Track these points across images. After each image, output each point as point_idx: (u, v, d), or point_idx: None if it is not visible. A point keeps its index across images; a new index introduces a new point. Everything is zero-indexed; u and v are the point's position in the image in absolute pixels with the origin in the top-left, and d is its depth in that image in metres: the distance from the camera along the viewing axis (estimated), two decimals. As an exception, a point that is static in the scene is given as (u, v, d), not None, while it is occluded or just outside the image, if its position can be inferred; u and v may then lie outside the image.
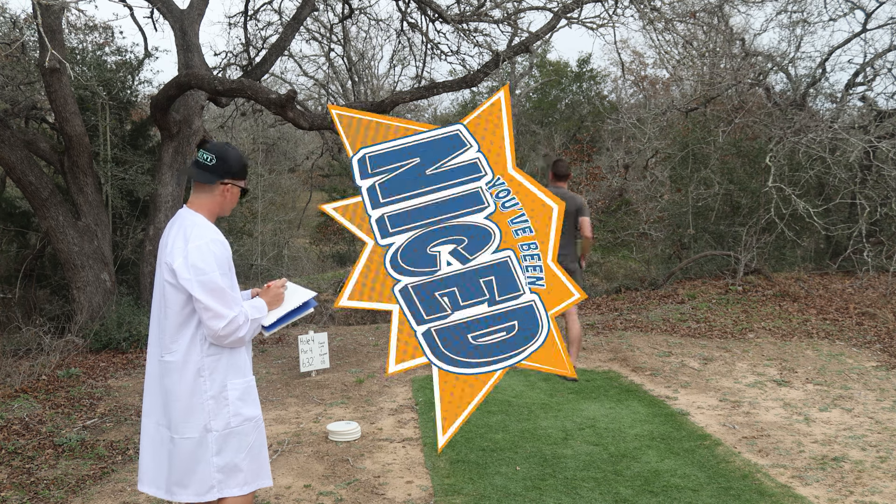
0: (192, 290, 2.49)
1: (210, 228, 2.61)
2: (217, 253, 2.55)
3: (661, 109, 14.24)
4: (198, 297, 2.49)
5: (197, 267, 2.50)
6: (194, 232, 2.56)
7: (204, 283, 2.49)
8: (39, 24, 5.76)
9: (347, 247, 21.67)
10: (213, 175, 2.62)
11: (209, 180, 2.63)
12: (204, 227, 2.59)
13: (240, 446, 2.62)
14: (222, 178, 2.63)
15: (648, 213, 13.42)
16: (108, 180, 8.66)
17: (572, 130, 29.36)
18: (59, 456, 4.45)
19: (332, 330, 8.83)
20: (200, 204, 2.65)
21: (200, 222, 2.61)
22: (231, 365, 2.63)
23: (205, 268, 2.50)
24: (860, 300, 8.32)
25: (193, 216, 2.63)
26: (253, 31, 12.79)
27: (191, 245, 2.53)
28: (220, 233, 2.65)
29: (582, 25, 8.91)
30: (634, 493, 3.73)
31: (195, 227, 2.58)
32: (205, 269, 2.50)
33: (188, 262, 2.51)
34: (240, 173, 2.67)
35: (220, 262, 2.55)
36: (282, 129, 23.56)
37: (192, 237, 2.54)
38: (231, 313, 2.52)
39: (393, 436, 4.72)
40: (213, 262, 2.52)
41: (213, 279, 2.50)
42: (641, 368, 6.28)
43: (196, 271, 2.50)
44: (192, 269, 2.50)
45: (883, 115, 10.10)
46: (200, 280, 2.49)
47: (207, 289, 2.49)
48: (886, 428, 4.66)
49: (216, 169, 2.62)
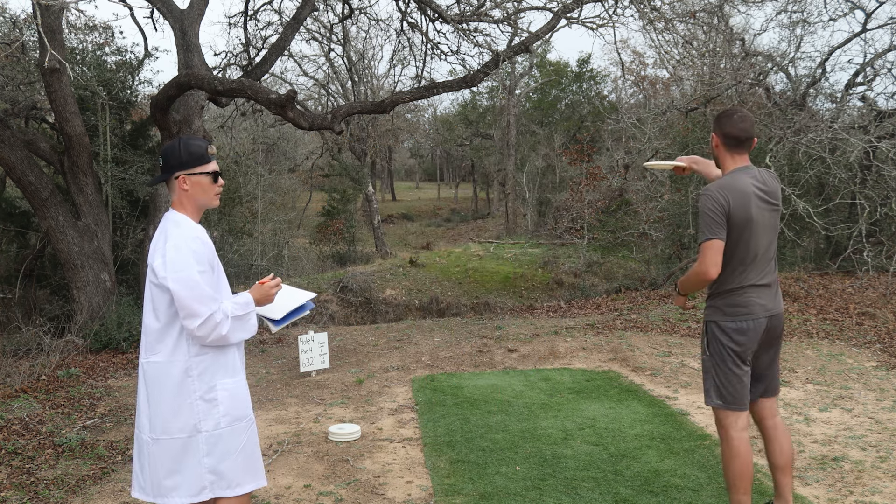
0: (171, 287, 2.49)
1: (191, 226, 2.60)
2: (196, 250, 2.54)
3: (661, 109, 14.24)
4: (175, 294, 2.49)
5: (174, 264, 2.50)
6: (174, 231, 2.57)
7: (180, 279, 2.48)
8: (39, 24, 5.76)
9: (347, 247, 21.69)
10: (166, 174, 2.64)
11: (163, 179, 2.66)
12: (184, 226, 2.59)
13: (231, 447, 2.61)
14: (173, 173, 2.63)
15: (648, 213, 13.42)
16: (108, 180, 8.67)
17: (572, 130, 29.40)
18: (59, 456, 4.45)
19: (332, 330, 8.83)
20: (176, 202, 2.67)
21: (181, 221, 2.61)
22: (220, 365, 2.62)
23: (181, 265, 2.50)
24: (860, 300, 8.32)
25: (175, 215, 2.63)
26: (253, 31, 12.80)
27: (169, 243, 2.53)
28: (203, 231, 2.64)
29: (582, 25, 8.91)
30: (634, 493, 3.73)
31: (176, 226, 2.59)
32: (182, 267, 2.50)
33: (166, 260, 2.51)
34: (191, 162, 2.62)
35: (199, 259, 2.53)
36: (282, 129, 23.58)
37: (171, 235, 2.55)
38: (206, 311, 2.50)
39: (393, 436, 4.72)
40: (190, 260, 2.51)
41: (189, 276, 2.49)
42: (641, 368, 6.28)
43: (173, 269, 2.49)
44: (169, 266, 2.50)
45: (883, 115, 10.10)
46: (177, 277, 2.48)
47: (183, 286, 2.48)
48: (886, 428, 4.66)
49: (165, 167, 2.64)
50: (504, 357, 6.87)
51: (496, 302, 13.14)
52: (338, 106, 17.16)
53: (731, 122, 3.11)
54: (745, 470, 3.10)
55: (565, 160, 22.46)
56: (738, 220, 3.03)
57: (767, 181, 3.14)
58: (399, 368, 6.53)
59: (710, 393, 3.20)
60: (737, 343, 3.10)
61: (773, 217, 3.15)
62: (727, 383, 3.13)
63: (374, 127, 25.60)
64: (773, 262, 3.20)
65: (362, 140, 25.00)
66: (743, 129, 3.09)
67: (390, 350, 7.33)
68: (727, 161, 3.17)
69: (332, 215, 22.84)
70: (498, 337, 7.74)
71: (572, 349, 7.00)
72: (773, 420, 3.28)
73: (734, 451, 3.11)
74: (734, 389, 3.13)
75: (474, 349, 7.18)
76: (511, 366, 6.60)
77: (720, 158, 3.20)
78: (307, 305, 2.95)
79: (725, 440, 3.15)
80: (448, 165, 51.59)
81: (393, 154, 45.11)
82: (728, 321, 3.12)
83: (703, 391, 3.26)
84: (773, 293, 3.18)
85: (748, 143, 3.14)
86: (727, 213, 3.03)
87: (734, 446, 3.11)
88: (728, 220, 3.03)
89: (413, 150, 45.67)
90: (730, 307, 3.12)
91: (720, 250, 3.03)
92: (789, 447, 3.25)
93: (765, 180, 3.13)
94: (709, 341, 3.20)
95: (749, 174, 3.11)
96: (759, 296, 3.12)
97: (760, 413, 3.30)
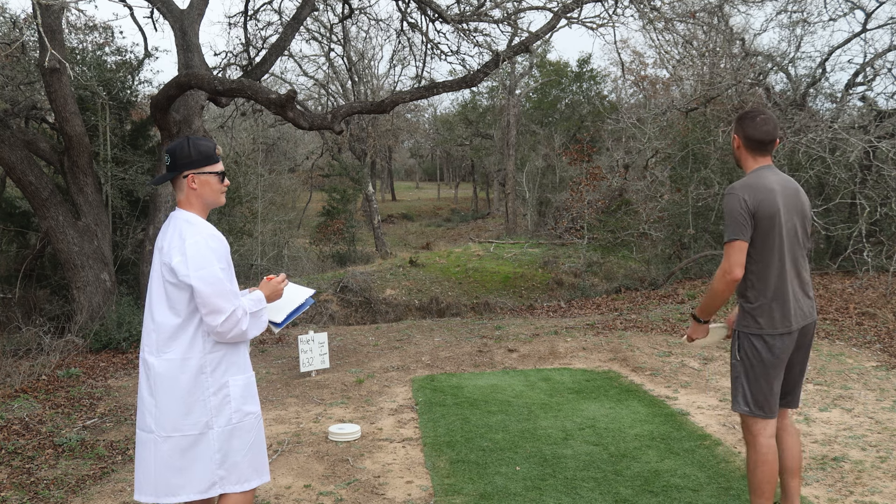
0: (193, 285, 2.50)
1: (205, 225, 2.62)
2: (215, 247, 2.56)
3: (661, 109, 14.25)
4: (198, 291, 2.50)
5: (196, 262, 2.51)
6: (190, 229, 2.58)
7: (204, 277, 2.50)
8: (39, 24, 5.76)
9: (347, 247, 21.69)
10: (172, 172, 2.65)
11: (170, 177, 2.67)
12: (199, 225, 2.61)
13: (241, 442, 2.64)
14: (181, 172, 2.64)
15: (648, 213, 13.42)
16: (108, 180, 8.67)
17: (572, 130, 29.39)
18: (59, 456, 4.45)
19: (332, 330, 8.83)
20: (184, 201, 2.68)
21: (194, 220, 2.62)
22: (232, 362, 2.64)
23: (204, 262, 2.52)
24: (860, 300, 8.31)
25: (187, 214, 2.65)
26: (253, 31, 12.80)
27: (188, 241, 2.54)
28: (216, 228, 2.66)
29: (582, 25, 8.92)
30: (634, 493, 3.73)
31: (190, 224, 2.60)
32: (204, 264, 2.52)
33: (187, 258, 2.52)
34: (200, 161, 2.64)
35: (220, 256, 2.57)
36: (282, 129, 23.59)
37: (189, 234, 2.56)
38: (230, 307, 2.53)
39: (393, 436, 4.72)
40: (211, 257, 2.54)
41: (212, 273, 2.52)
42: (641, 368, 6.28)
43: (195, 266, 2.51)
44: (191, 264, 2.51)
45: (883, 115, 10.09)
46: (200, 275, 2.50)
47: (207, 283, 2.50)
48: (886, 428, 4.65)
49: (173, 165, 2.64)
50: (504, 357, 6.87)
51: (496, 302, 13.14)
52: (338, 106, 17.15)
53: (754, 124, 3.07)
54: (771, 476, 3.09)
55: (565, 160, 22.45)
56: (764, 217, 2.98)
57: (789, 182, 3.11)
58: (399, 368, 6.53)
59: (739, 400, 3.15)
60: (770, 352, 3.06)
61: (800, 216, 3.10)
62: (756, 391, 3.08)
63: (374, 127, 25.60)
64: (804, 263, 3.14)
65: (362, 140, 25.00)
66: (766, 131, 3.06)
67: (390, 350, 7.33)
68: (749, 162, 3.14)
69: (332, 215, 22.85)
70: (498, 337, 7.74)
71: (572, 349, 7.00)
72: (784, 421, 3.26)
73: (762, 457, 3.08)
74: (763, 397, 3.08)
75: (474, 349, 7.18)
76: (511, 366, 6.60)
77: (742, 160, 3.17)
78: (308, 301, 2.97)
79: (753, 446, 3.12)
80: (448, 165, 51.59)
81: (393, 154, 45.12)
82: (762, 332, 3.06)
83: (732, 397, 3.21)
84: (808, 299, 3.14)
85: (771, 146, 3.10)
86: (752, 212, 2.99)
87: (762, 453, 3.09)
88: (754, 218, 2.99)
89: (413, 150, 45.67)
90: (764, 316, 3.06)
91: (744, 250, 2.98)
92: (799, 451, 3.23)
93: (786, 181, 3.11)
94: (740, 346, 3.14)
95: (772, 172, 3.09)
96: (794, 303, 3.06)
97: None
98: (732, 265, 2.99)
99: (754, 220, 2.99)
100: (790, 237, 3.06)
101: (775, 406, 3.12)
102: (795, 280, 3.10)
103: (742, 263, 3.00)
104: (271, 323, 2.87)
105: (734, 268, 2.99)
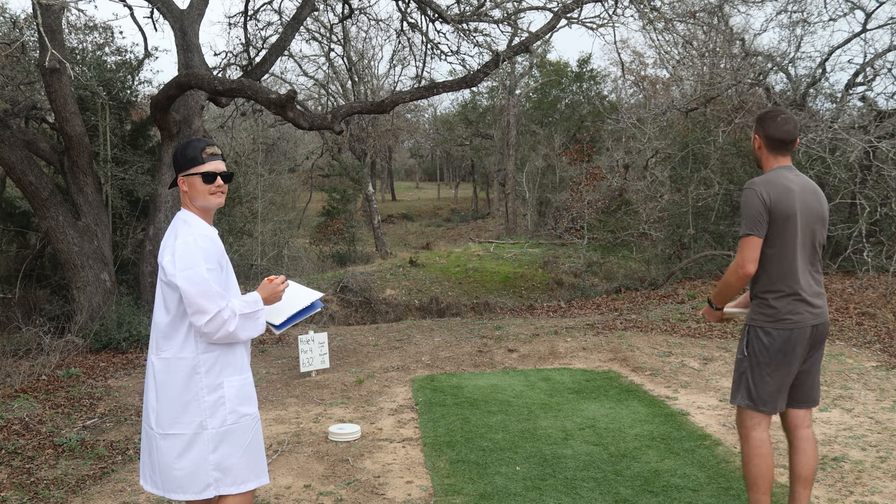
0: (178, 284, 2.51)
1: (200, 225, 2.63)
2: (204, 247, 2.56)
3: (661, 109, 14.25)
4: (183, 290, 2.51)
5: (183, 261, 2.53)
6: (184, 229, 2.61)
7: (188, 277, 2.51)
8: (39, 24, 5.76)
9: (347, 247, 21.68)
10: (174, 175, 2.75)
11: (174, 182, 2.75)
12: (194, 224, 2.63)
13: (237, 444, 2.63)
14: (176, 176, 2.72)
15: (648, 213, 13.42)
16: (108, 180, 8.67)
17: (572, 130, 29.39)
18: (59, 456, 4.45)
19: (332, 330, 8.83)
20: (183, 203, 2.74)
21: (191, 219, 2.65)
22: (227, 363, 2.64)
23: (190, 262, 2.52)
24: (860, 300, 8.31)
25: (185, 214, 2.69)
26: (253, 31, 12.81)
27: (178, 241, 2.57)
28: (213, 229, 2.67)
29: (582, 25, 8.92)
30: (634, 493, 3.73)
31: (185, 224, 2.63)
32: (190, 264, 2.52)
33: (175, 257, 2.54)
34: (185, 164, 2.67)
35: (208, 256, 2.56)
36: (282, 129, 23.58)
37: (181, 233, 2.59)
38: (214, 308, 2.52)
39: (393, 436, 4.72)
40: (199, 257, 2.54)
41: (198, 273, 2.51)
42: (641, 368, 6.28)
43: (182, 265, 2.52)
44: (178, 263, 2.53)
45: (883, 115, 10.09)
46: (186, 274, 2.51)
47: (192, 282, 2.51)
48: (886, 428, 4.66)
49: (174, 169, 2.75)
50: (504, 357, 6.87)
51: (496, 302, 13.14)
52: (338, 106, 17.16)
53: (774, 124, 3.07)
54: (766, 469, 3.08)
55: (565, 160, 22.45)
56: (781, 215, 2.98)
57: (808, 183, 3.11)
58: (399, 368, 6.53)
59: (740, 392, 3.14)
60: (778, 347, 3.05)
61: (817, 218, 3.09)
62: (760, 386, 3.07)
63: (374, 127, 25.59)
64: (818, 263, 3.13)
65: (362, 140, 25.00)
66: (787, 131, 3.06)
67: (390, 350, 7.33)
68: (770, 162, 3.14)
69: (332, 215, 22.84)
70: (498, 337, 7.74)
71: (572, 349, 7.00)
72: (805, 431, 3.21)
73: (755, 450, 3.09)
74: (766, 393, 3.08)
75: (474, 349, 7.18)
76: (511, 366, 6.60)
77: (762, 159, 3.17)
78: (315, 305, 2.90)
79: (746, 440, 3.13)
80: (448, 165, 51.58)
81: (393, 154, 45.10)
82: (773, 327, 3.05)
83: (732, 390, 3.21)
84: (820, 299, 3.13)
85: (791, 145, 3.10)
86: (769, 209, 2.98)
87: (755, 446, 3.09)
88: (770, 215, 2.99)
89: (413, 150, 45.66)
90: (776, 313, 3.05)
91: (758, 246, 2.98)
92: (815, 461, 3.20)
93: (805, 181, 3.11)
94: (748, 342, 3.13)
95: (792, 172, 3.09)
96: (807, 302, 3.06)
97: (793, 422, 3.22)
98: (746, 260, 3.00)
99: (771, 216, 3.00)
100: (805, 236, 3.07)
101: (777, 404, 3.12)
102: (810, 278, 3.10)
103: (755, 259, 3.00)
104: (270, 325, 2.85)
105: (747, 263, 3.00)
